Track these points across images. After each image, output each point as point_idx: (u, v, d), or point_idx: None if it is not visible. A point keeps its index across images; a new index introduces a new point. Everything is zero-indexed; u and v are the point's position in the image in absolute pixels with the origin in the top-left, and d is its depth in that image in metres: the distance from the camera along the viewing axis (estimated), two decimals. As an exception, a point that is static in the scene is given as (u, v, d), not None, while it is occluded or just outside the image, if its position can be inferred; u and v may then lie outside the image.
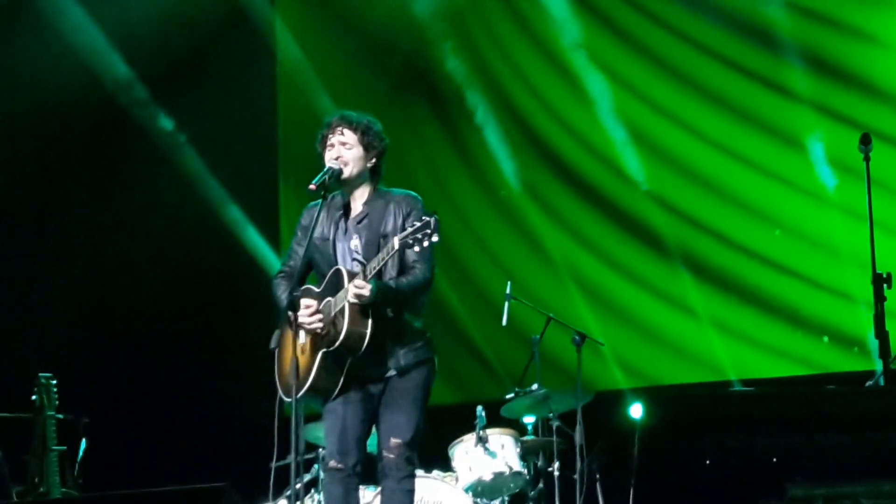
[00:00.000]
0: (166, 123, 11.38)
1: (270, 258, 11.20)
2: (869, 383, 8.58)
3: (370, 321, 6.42)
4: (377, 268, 6.40)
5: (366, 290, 6.34)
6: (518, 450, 8.59)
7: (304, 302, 6.52)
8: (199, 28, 11.39)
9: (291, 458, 6.36)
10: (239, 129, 11.55)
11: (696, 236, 10.56)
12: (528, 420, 9.07)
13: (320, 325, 6.50)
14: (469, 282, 11.16)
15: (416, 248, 6.25)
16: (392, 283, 6.49)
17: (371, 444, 6.71)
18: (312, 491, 8.47)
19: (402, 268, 6.56)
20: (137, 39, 11.24)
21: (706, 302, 10.47)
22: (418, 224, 6.25)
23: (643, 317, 10.63)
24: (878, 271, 7.88)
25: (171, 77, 11.34)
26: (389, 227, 6.58)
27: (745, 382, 10.15)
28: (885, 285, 7.81)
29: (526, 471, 8.64)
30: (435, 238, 6.21)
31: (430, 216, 6.25)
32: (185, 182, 11.40)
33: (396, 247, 6.29)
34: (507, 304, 9.27)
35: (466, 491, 8.42)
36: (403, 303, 6.53)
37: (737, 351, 10.33)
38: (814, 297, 10.14)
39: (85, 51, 11.10)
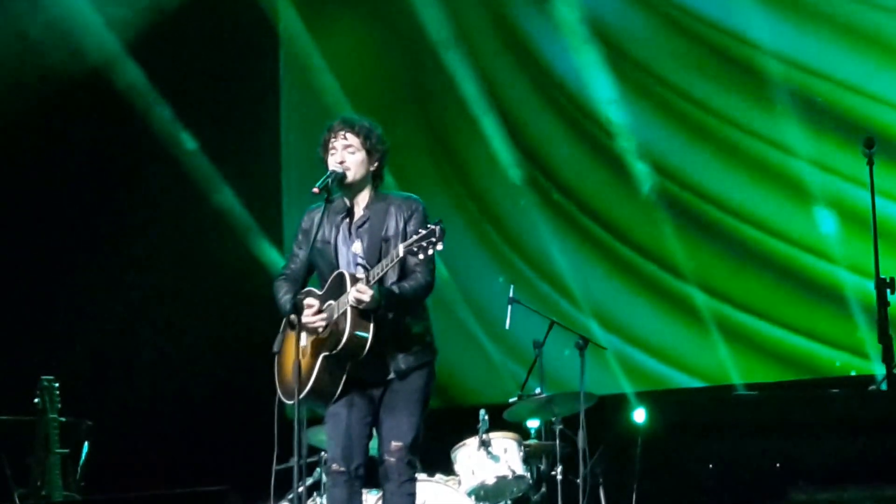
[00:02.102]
0: (168, 123, 11.38)
1: (274, 261, 11.19)
2: (872, 387, 8.57)
3: (372, 325, 6.42)
4: (381, 274, 6.40)
5: (367, 295, 6.34)
6: (521, 453, 8.57)
7: (307, 301, 6.51)
8: (202, 25, 11.41)
9: (294, 461, 6.36)
10: (242, 129, 11.56)
11: (698, 241, 10.56)
12: (533, 424, 9.06)
13: (323, 324, 6.49)
14: (472, 285, 11.15)
15: (421, 256, 6.25)
16: (395, 288, 6.48)
17: (372, 448, 6.70)
18: (315, 494, 8.46)
19: (403, 272, 6.56)
20: (146, 43, 11.28)
21: (710, 306, 10.45)
22: (424, 231, 6.24)
23: (646, 321, 10.62)
24: (882, 276, 7.87)
25: (175, 77, 11.35)
26: (391, 230, 6.58)
27: (748, 387, 10.14)
28: (888, 290, 7.80)
29: (529, 474, 8.62)
30: (440, 246, 6.20)
31: (436, 224, 6.24)
32: (189, 183, 11.39)
33: (401, 254, 6.29)
34: (510, 307, 9.28)
35: (469, 494, 8.40)
36: (404, 307, 6.53)
37: (740, 355, 10.31)
38: (816, 304, 10.12)
39: (91, 49, 11.11)
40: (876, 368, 9.25)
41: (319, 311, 6.51)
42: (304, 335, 6.57)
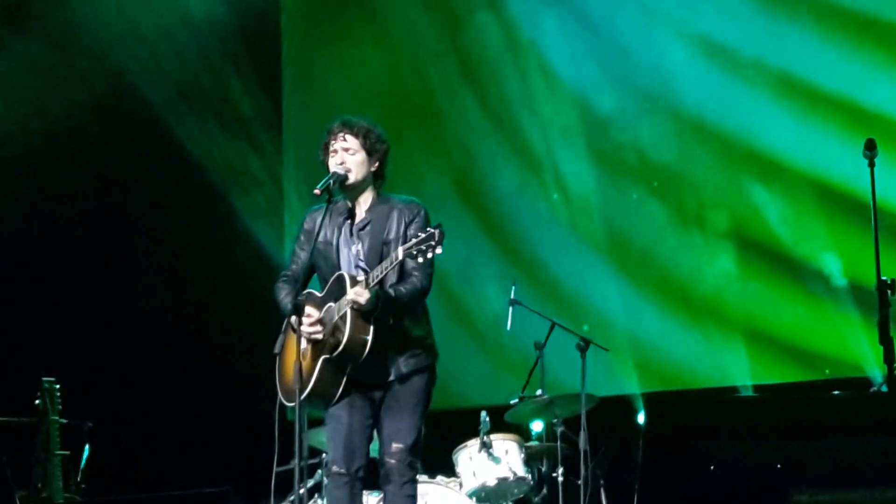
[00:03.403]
0: (170, 124, 11.39)
1: (274, 262, 11.18)
2: (873, 389, 8.56)
3: (371, 328, 6.43)
4: (380, 277, 6.41)
5: (363, 297, 6.35)
6: (522, 455, 8.58)
7: (306, 310, 6.51)
8: (201, 32, 11.43)
9: (295, 463, 6.37)
10: (243, 129, 11.57)
11: (699, 244, 10.57)
12: (537, 427, 9.06)
13: (320, 335, 6.50)
14: (474, 286, 11.15)
15: (420, 259, 6.26)
16: (391, 291, 6.50)
17: (374, 449, 6.71)
18: (316, 496, 8.47)
19: (402, 274, 6.57)
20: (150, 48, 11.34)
21: (711, 307, 10.45)
22: (423, 235, 6.26)
23: (647, 322, 10.61)
24: (883, 277, 7.85)
25: (175, 78, 11.36)
26: (392, 234, 6.59)
27: (753, 388, 10.13)
28: (889, 291, 7.78)
29: (530, 476, 8.63)
30: (439, 250, 6.23)
31: (436, 228, 6.25)
32: (190, 185, 11.40)
33: (401, 257, 6.31)
34: (511, 308, 9.29)
35: (470, 496, 8.41)
36: (400, 311, 6.54)
37: (743, 356, 10.30)
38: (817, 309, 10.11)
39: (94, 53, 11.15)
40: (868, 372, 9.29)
41: (319, 322, 6.52)
42: (304, 338, 6.58)
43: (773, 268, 10.23)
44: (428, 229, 6.30)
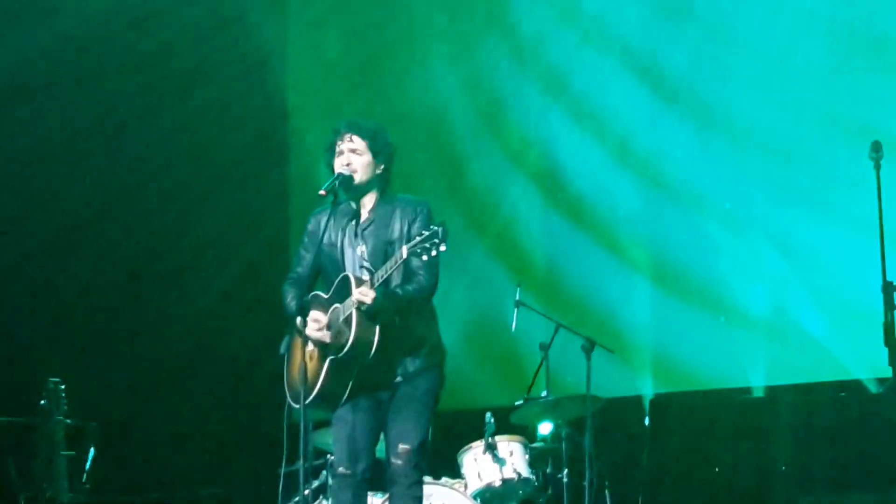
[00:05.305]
0: (168, 124, 11.40)
1: (278, 263, 11.18)
2: (878, 391, 8.57)
3: (377, 329, 6.42)
4: (385, 276, 6.41)
5: (369, 297, 6.36)
6: (527, 456, 8.58)
7: (312, 314, 6.51)
8: (200, 28, 11.42)
9: (300, 464, 6.37)
10: (247, 130, 11.57)
11: (699, 246, 10.57)
12: (546, 429, 9.05)
13: (327, 338, 6.50)
14: (479, 287, 11.15)
15: (425, 258, 6.26)
16: (398, 290, 6.50)
17: (379, 451, 6.71)
18: (321, 497, 8.47)
19: (407, 274, 6.57)
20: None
21: (720, 306, 10.45)
22: (426, 233, 6.26)
23: (651, 322, 10.61)
24: (889, 279, 7.85)
25: (174, 78, 11.36)
26: (395, 233, 6.59)
27: (763, 389, 10.13)
28: (895, 293, 7.77)
29: (535, 477, 8.62)
30: (443, 248, 6.23)
31: (439, 226, 6.25)
32: (191, 186, 11.39)
33: (405, 256, 6.31)
34: (516, 310, 9.29)
35: (475, 497, 8.41)
36: (407, 310, 6.54)
37: (747, 358, 10.30)
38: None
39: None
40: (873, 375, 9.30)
41: (325, 326, 6.51)
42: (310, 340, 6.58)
43: (785, 268, 10.25)
44: (431, 227, 6.30)
